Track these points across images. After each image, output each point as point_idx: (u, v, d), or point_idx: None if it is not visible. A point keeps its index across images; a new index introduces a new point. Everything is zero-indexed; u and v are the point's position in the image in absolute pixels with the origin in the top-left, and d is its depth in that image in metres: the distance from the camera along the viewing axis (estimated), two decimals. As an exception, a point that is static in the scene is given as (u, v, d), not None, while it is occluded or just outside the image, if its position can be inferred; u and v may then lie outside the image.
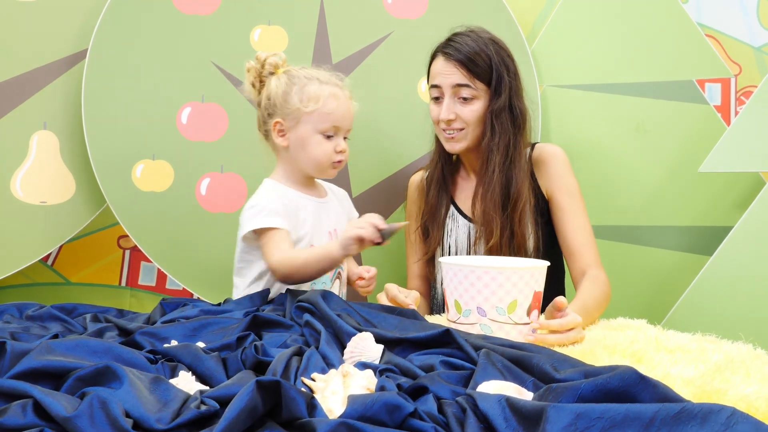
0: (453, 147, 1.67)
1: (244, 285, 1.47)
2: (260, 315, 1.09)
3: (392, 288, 1.43)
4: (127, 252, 2.05)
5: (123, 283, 2.06)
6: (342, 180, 1.88)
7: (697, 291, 1.81)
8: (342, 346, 1.00)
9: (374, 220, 1.30)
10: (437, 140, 1.73)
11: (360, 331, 0.99)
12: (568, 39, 1.97)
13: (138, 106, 1.83)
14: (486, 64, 1.62)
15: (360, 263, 1.76)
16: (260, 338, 1.05)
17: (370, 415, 0.72)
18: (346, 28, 1.91)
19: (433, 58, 1.68)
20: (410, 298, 1.40)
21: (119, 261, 2.06)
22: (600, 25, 1.97)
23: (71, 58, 1.85)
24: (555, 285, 1.62)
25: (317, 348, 0.96)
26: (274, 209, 1.40)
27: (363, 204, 1.78)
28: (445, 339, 0.93)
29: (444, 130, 1.65)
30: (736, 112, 1.99)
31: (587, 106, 1.97)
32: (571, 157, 1.93)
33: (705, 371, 0.93)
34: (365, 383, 0.82)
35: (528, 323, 1.20)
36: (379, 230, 1.28)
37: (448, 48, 1.64)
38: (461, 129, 1.63)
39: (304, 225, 1.45)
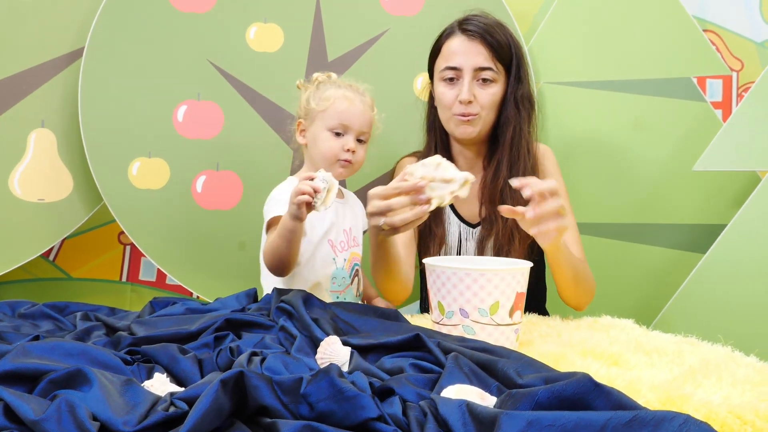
0: (466, 131, 1.59)
1: (274, 280, 1.49)
2: (233, 318, 1.10)
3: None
4: (128, 248, 2.08)
5: (124, 279, 2.08)
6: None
7: (691, 289, 1.81)
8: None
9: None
10: (434, 131, 1.69)
11: (329, 335, 1.00)
12: (565, 36, 1.96)
13: (134, 103, 1.84)
14: (506, 45, 1.58)
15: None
16: (239, 338, 1.06)
17: (334, 418, 0.73)
18: (342, 26, 1.91)
19: (446, 36, 1.61)
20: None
21: (120, 256, 2.08)
22: (597, 22, 1.96)
23: (69, 56, 1.86)
24: (535, 284, 1.60)
25: (289, 353, 0.97)
26: (286, 199, 1.41)
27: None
28: (417, 343, 0.94)
29: (460, 114, 1.57)
30: (738, 109, 1.98)
31: (584, 103, 1.96)
32: (567, 154, 1.94)
33: (677, 375, 0.93)
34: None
35: (511, 324, 1.20)
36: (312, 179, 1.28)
37: (469, 25, 1.57)
38: (475, 114, 1.57)
39: (323, 219, 1.51)
